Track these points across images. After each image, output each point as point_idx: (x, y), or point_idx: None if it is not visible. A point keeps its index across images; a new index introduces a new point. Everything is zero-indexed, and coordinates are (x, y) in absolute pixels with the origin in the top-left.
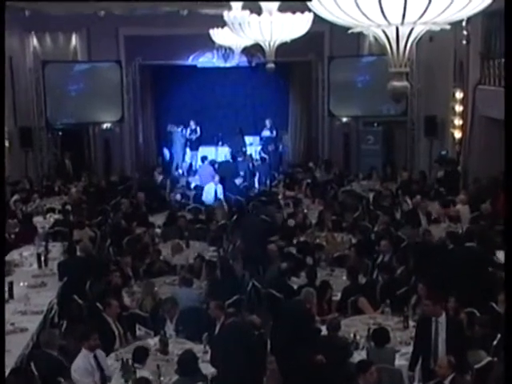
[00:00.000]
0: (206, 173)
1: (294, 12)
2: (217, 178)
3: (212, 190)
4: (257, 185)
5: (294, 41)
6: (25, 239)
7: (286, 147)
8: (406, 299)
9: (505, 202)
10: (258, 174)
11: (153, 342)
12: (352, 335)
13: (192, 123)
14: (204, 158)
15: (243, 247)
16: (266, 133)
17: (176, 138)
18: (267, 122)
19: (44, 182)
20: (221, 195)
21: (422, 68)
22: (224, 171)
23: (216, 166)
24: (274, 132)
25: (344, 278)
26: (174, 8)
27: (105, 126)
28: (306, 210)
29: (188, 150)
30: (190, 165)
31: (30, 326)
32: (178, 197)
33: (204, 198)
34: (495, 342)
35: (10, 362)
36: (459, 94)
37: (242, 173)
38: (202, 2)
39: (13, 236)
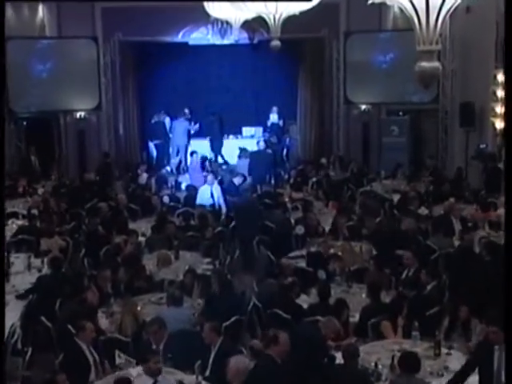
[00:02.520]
0: (195, 171)
1: None
2: (210, 177)
3: (207, 192)
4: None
5: (303, 14)
6: None
7: (294, 140)
8: (437, 321)
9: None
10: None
11: (135, 371)
12: (373, 364)
13: (186, 112)
14: (193, 153)
15: (243, 258)
16: (270, 123)
17: (165, 128)
18: (272, 110)
19: (6, 181)
20: (219, 198)
21: (457, 45)
22: (256, 164)
23: (207, 162)
24: (280, 122)
25: (363, 295)
26: None
27: (78, 114)
28: (317, 215)
29: (178, 142)
30: (181, 161)
31: None
32: (166, 199)
33: (198, 201)
34: None
35: None
36: (501, 77)
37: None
38: None
39: None
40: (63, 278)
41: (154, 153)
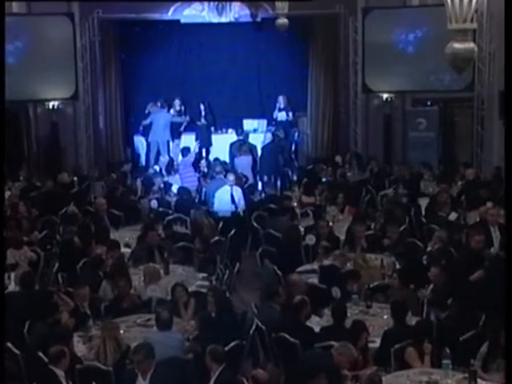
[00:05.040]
0: (187, 170)
1: None
2: (232, 176)
3: (227, 195)
4: (261, 186)
5: None
6: None
7: (304, 135)
8: (473, 348)
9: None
10: (264, 173)
11: None
12: None
13: (177, 102)
14: (185, 150)
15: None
16: (279, 115)
17: (154, 121)
18: (279, 100)
19: None
20: (240, 200)
21: (496, 24)
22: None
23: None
24: (289, 114)
25: (385, 317)
26: None
27: (51, 104)
28: (331, 223)
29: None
30: (171, 159)
31: None
32: (154, 203)
33: (217, 206)
34: None
35: None
36: None
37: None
38: None
39: None
40: (33, 296)
41: (142, 150)
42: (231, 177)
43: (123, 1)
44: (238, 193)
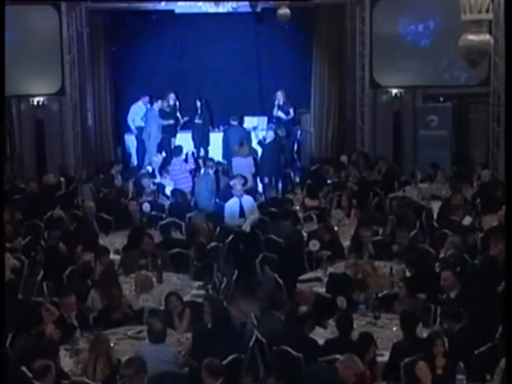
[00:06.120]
0: (179, 172)
1: None
2: (238, 185)
3: (236, 207)
4: (261, 189)
5: None
6: None
7: (308, 133)
8: (489, 362)
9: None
10: (264, 174)
11: None
12: None
13: (171, 96)
14: (177, 149)
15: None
16: (279, 112)
17: (148, 118)
18: (279, 96)
19: None
20: (253, 212)
21: None
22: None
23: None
24: (290, 111)
25: (394, 328)
26: None
27: (36, 100)
28: (336, 227)
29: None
30: (165, 160)
31: None
32: (147, 207)
33: (227, 220)
34: None
35: None
36: None
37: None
38: None
39: None
40: (16, 306)
41: (133, 149)
42: (238, 185)
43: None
44: (248, 204)
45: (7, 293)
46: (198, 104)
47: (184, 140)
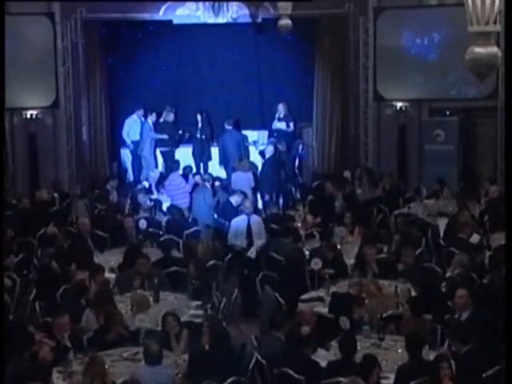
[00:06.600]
0: (176, 187)
1: None
2: (248, 203)
3: (243, 226)
4: (261, 205)
5: None
6: None
7: (309, 147)
8: None
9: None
10: (264, 190)
11: None
12: None
13: (167, 110)
14: (175, 164)
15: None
16: (278, 125)
17: (143, 132)
18: (280, 109)
19: None
20: (260, 235)
21: None
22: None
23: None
24: (291, 124)
25: (400, 350)
26: None
27: (29, 113)
28: (339, 245)
29: (159, 151)
30: (161, 174)
31: None
32: (143, 223)
33: (231, 239)
34: None
35: None
36: None
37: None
38: None
39: None
40: (8, 327)
41: (129, 163)
42: (247, 203)
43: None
44: (256, 224)
45: None
46: (199, 118)
47: (184, 154)
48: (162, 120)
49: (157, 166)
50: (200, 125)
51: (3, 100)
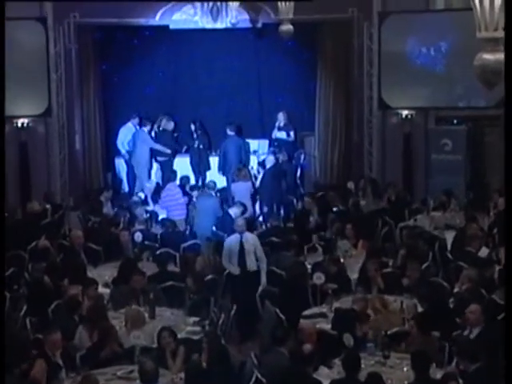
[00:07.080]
0: (172, 198)
1: None
2: (241, 221)
3: (236, 245)
4: (261, 217)
5: None
6: None
7: (312, 157)
8: None
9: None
10: (264, 200)
11: None
12: None
13: (164, 118)
14: (172, 175)
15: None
16: (278, 134)
17: (137, 140)
18: (280, 118)
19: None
20: (256, 254)
21: None
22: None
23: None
24: (291, 133)
25: (405, 369)
26: None
27: (20, 122)
28: (343, 259)
29: (155, 161)
30: (158, 185)
31: None
32: (138, 236)
33: (226, 260)
34: None
35: None
36: None
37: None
38: None
39: None
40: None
41: (124, 174)
42: (240, 221)
43: (104, 1)
44: (250, 242)
45: None
46: (193, 127)
47: (182, 164)
48: (161, 128)
49: (150, 176)
50: (195, 135)
51: (3, 111)
